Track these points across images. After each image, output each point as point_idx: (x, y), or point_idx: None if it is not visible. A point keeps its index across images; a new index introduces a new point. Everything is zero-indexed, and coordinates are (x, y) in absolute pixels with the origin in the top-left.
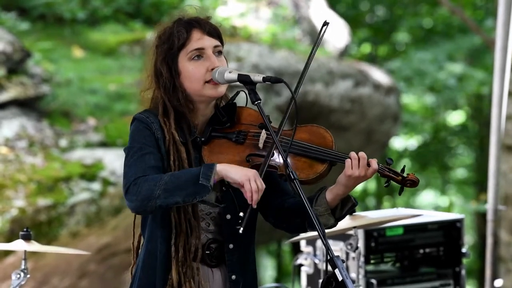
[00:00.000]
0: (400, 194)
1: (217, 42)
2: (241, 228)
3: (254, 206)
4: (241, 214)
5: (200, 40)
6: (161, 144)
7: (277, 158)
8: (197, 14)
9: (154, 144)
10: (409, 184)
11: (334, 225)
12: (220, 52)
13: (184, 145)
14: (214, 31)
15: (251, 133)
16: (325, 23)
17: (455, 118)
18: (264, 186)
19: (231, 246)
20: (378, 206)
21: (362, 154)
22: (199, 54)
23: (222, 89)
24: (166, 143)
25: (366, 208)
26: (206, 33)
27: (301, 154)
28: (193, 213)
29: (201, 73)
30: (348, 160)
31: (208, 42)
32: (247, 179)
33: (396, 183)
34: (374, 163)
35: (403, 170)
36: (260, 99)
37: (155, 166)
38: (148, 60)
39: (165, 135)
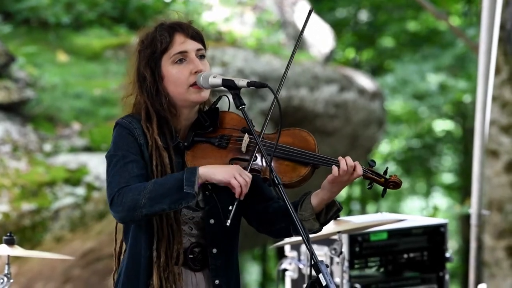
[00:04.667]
0: (383, 196)
1: (200, 46)
2: (228, 221)
3: (242, 198)
4: (230, 207)
5: (183, 43)
6: (144, 150)
7: (260, 162)
8: (180, 19)
9: (137, 151)
10: (391, 186)
11: (319, 230)
12: (203, 56)
13: (166, 150)
14: (196, 35)
15: (234, 137)
16: (310, 11)
17: (441, 125)
18: (250, 176)
19: (214, 250)
20: (362, 211)
21: (349, 161)
22: (182, 57)
23: (206, 93)
24: (149, 148)
25: (350, 213)
26: (189, 37)
27: (284, 157)
28: (175, 218)
29: (184, 76)
30: (335, 166)
31: (191, 46)
32: (232, 176)
33: (379, 185)
34: (358, 167)
35: (385, 172)
36: (244, 104)
37: (138, 174)
38: (131, 66)
39: (147, 141)
